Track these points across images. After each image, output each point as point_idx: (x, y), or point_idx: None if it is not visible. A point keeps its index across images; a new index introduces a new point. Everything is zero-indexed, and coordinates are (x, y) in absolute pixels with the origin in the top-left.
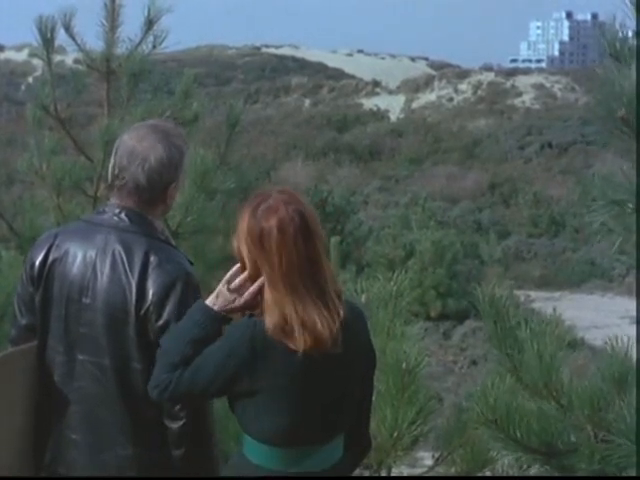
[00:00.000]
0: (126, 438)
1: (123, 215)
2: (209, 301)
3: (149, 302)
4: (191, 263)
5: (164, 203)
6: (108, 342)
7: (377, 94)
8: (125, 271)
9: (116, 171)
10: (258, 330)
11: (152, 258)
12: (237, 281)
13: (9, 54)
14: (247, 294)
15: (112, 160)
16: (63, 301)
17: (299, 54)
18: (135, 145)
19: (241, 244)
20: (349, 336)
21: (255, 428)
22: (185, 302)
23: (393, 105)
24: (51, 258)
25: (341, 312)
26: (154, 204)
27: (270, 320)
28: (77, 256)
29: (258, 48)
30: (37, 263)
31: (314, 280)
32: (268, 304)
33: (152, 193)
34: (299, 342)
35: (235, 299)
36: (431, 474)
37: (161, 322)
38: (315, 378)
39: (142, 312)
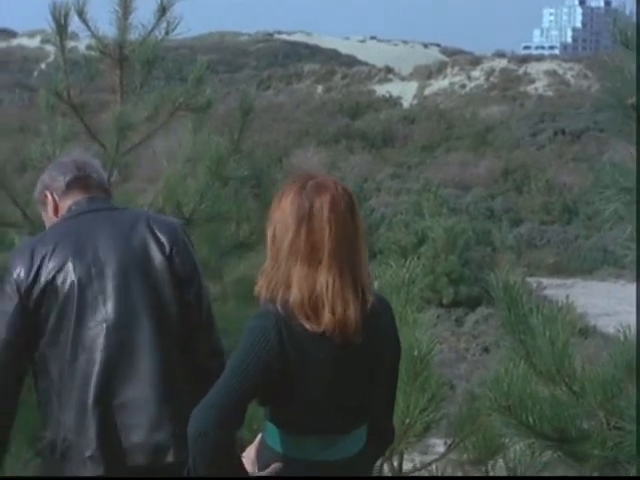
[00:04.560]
0: (177, 388)
1: (97, 201)
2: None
3: (168, 245)
4: None
5: None
6: (134, 297)
7: (390, 81)
8: (130, 227)
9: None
10: (280, 316)
11: (148, 214)
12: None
13: (22, 40)
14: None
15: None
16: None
17: (312, 41)
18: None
19: (281, 225)
20: (376, 327)
21: (281, 416)
22: (189, 241)
23: (406, 92)
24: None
25: (370, 300)
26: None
27: (297, 295)
28: (69, 253)
29: (271, 34)
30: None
31: (353, 261)
32: (298, 278)
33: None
34: (324, 320)
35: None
36: (443, 461)
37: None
38: (341, 366)
39: (166, 254)
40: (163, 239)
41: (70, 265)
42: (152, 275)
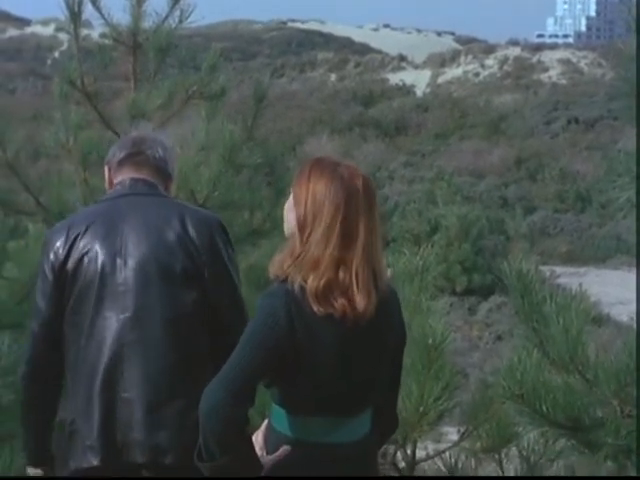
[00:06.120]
0: (184, 391)
1: (140, 184)
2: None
3: (198, 244)
4: None
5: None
6: (152, 293)
7: (403, 69)
8: (163, 221)
9: (132, 150)
10: (292, 295)
11: (185, 209)
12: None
13: (35, 28)
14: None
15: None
16: (98, 273)
17: (325, 29)
18: (144, 133)
19: (313, 209)
20: (384, 313)
21: (288, 397)
22: (229, 240)
23: (419, 80)
24: (77, 251)
25: (383, 288)
26: (163, 180)
27: (319, 279)
28: (99, 235)
29: (284, 23)
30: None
31: (376, 247)
32: (328, 262)
33: (166, 165)
34: (337, 305)
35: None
36: (456, 449)
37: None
38: (348, 348)
39: (193, 255)
40: (195, 238)
41: (97, 250)
42: (174, 274)
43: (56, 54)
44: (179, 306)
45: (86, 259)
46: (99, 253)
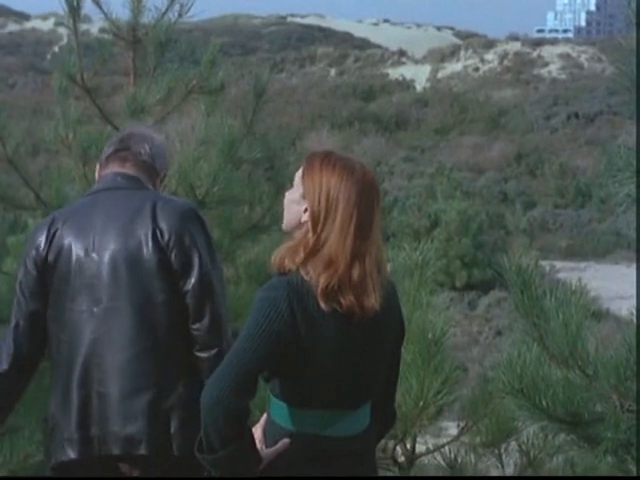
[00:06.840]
0: (155, 380)
1: (119, 178)
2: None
3: (167, 233)
4: None
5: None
6: (122, 285)
7: (403, 64)
8: (134, 213)
9: (118, 146)
10: (295, 288)
11: (159, 199)
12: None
13: (35, 23)
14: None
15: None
16: (72, 266)
17: (325, 23)
18: (134, 130)
19: (329, 204)
20: (386, 307)
21: (288, 390)
22: (203, 228)
23: (419, 75)
24: (56, 242)
25: (385, 284)
26: (149, 176)
27: (332, 275)
28: (74, 228)
29: (284, 17)
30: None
31: (380, 242)
32: (344, 259)
33: (152, 161)
34: (345, 302)
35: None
36: (456, 444)
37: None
38: (349, 342)
39: (161, 244)
40: (164, 227)
41: (71, 245)
42: (144, 265)
43: (56, 49)
44: (150, 296)
45: (62, 254)
46: (73, 248)
